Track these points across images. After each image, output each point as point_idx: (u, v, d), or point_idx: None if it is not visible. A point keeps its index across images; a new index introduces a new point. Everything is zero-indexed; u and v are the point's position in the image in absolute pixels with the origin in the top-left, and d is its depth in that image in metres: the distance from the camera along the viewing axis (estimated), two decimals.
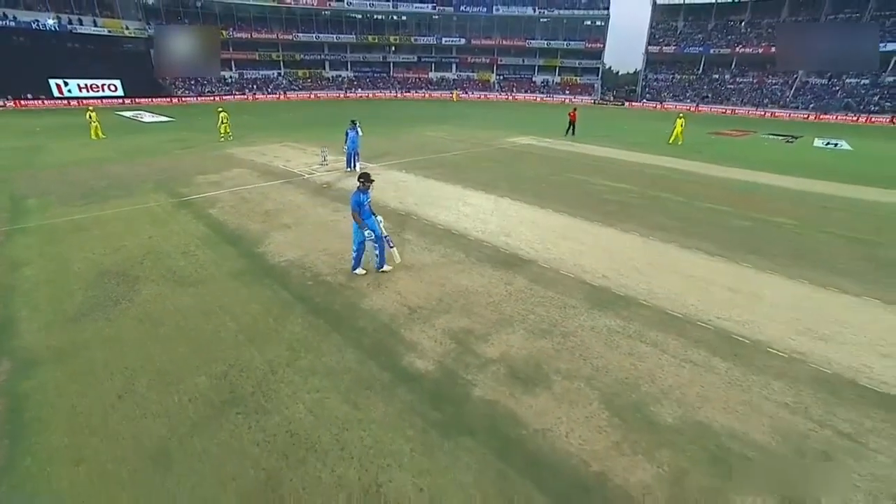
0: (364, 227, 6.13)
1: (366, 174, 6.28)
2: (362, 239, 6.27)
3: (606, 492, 3.17)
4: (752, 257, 7.62)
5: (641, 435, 3.68)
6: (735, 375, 4.50)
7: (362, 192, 6.11)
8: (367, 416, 3.81)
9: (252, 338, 4.93)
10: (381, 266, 6.58)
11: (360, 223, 6.11)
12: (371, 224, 6.19)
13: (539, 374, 4.40)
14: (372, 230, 6.18)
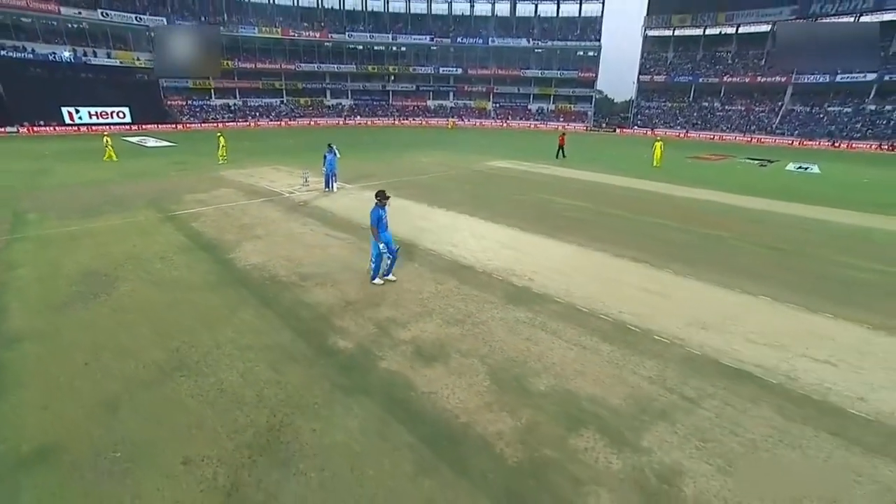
0: (379, 241, 6.62)
1: (382, 192, 6.73)
2: (379, 252, 6.77)
3: (466, 436, 3.94)
4: (676, 264, 8.43)
5: (512, 398, 4.45)
6: (615, 356, 5.27)
7: (380, 208, 6.60)
8: (286, 380, 4.62)
9: (207, 323, 5.77)
10: (388, 273, 7.09)
11: (376, 236, 6.60)
12: (387, 238, 6.72)
13: (441, 352, 5.20)
14: (386, 243, 6.72)
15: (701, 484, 3.48)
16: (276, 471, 3.49)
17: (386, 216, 6.70)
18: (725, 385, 4.78)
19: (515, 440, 3.88)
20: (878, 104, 49.84)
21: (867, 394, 4.74)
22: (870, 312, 6.69)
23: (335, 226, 10.31)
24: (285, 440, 3.81)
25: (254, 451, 3.68)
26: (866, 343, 5.79)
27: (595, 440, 3.90)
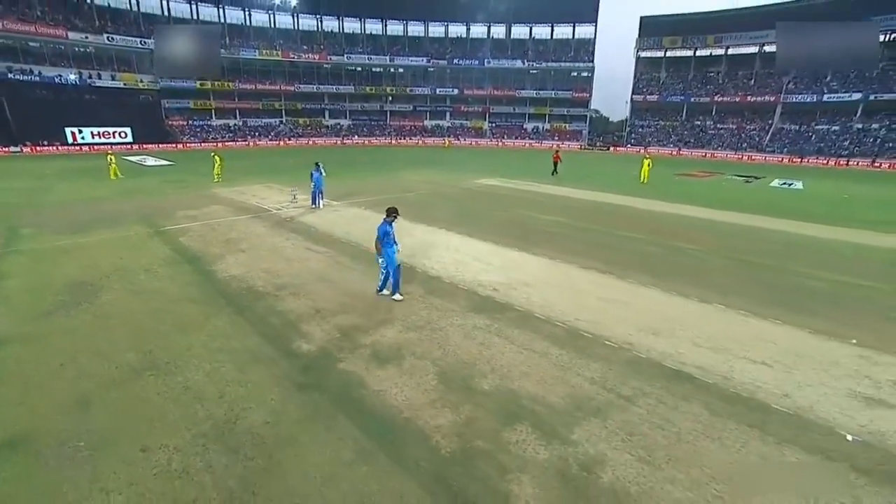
0: (380, 255, 6.85)
1: (393, 208, 6.99)
2: (392, 264, 6.94)
3: (407, 429, 4.25)
4: (640, 275, 8.79)
5: (456, 396, 4.77)
6: (563, 360, 5.59)
7: (388, 224, 6.83)
8: (248, 379, 4.95)
9: (181, 329, 6.12)
10: (381, 289, 7.23)
11: (378, 251, 6.82)
12: (391, 253, 6.85)
13: (396, 355, 5.53)
14: (388, 258, 6.87)
15: (619, 471, 3.77)
16: (226, 457, 3.80)
17: (394, 232, 6.92)
18: (663, 385, 5.10)
19: (452, 433, 4.19)
20: (865, 122, 50.87)
21: (793, 391, 5.05)
22: (815, 318, 7.02)
23: (317, 240, 10.71)
24: (238, 431, 4.13)
25: (208, 440, 4.00)
26: (804, 346, 6.12)
27: (527, 433, 4.21)
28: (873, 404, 4.90)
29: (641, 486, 3.61)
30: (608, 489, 3.58)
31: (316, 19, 63.00)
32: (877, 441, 4.29)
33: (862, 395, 5.05)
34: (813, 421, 4.57)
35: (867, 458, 4.06)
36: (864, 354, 5.99)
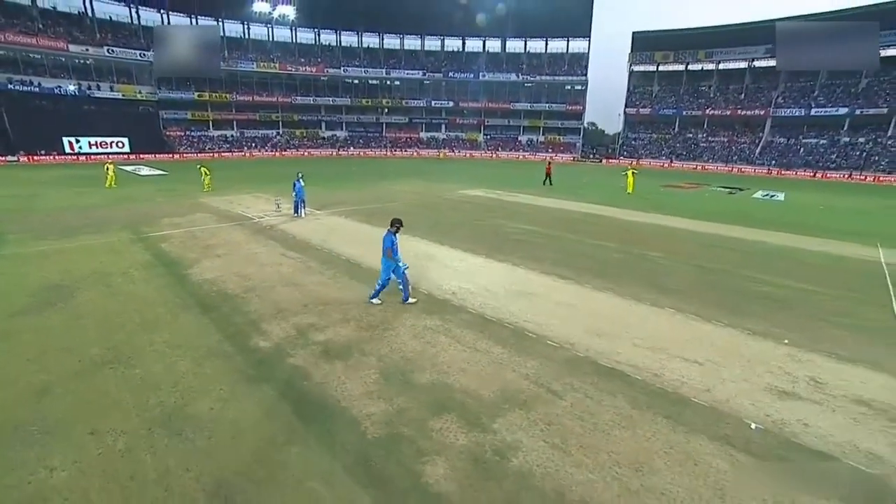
0: (394, 260, 7.07)
1: (397, 220, 7.24)
2: (403, 272, 7.21)
3: (340, 417, 4.57)
4: (599, 281, 9.15)
5: (393, 389, 5.10)
6: (503, 357, 5.92)
7: (393, 234, 7.08)
8: (203, 371, 5.28)
9: (148, 327, 6.46)
10: (373, 297, 7.46)
11: (392, 260, 7.05)
12: (386, 264, 7.14)
13: (345, 351, 5.87)
14: (384, 269, 7.17)
15: (530, 456, 4.09)
16: (168, 438, 4.13)
17: (397, 242, 7.14)
18: (593, 381, 5.42)
19: (382, 421, 4.51)
20: (852, 136, 51.75)
21: (715, 386, 5.39)
22: (757, 321, 7.38)
23: (292, 247, 11.08)
24: (184, 416, 4.46)
25: (154, 424, 4.33)
26: (738, 346, 6.46)
27: (452, 422, 4.53)
28: (785, 397, 5.24)
29: (547, 469, 3.93)
30: (515, 471, 3.90)
31: (314, 33, 64.23)
32: (777, 429, 4.63)
33: (777, 389, 5.39)
34: (726, 412, 4.90)
35: (762, 443, 4.39)
36: (791, 353, 6.34)
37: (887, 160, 46.79)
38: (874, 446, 4.42)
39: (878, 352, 6.46)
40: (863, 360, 6.21)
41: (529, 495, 3.63)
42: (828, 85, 56.16)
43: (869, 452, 4.33)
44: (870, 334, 7.11)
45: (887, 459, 4.24)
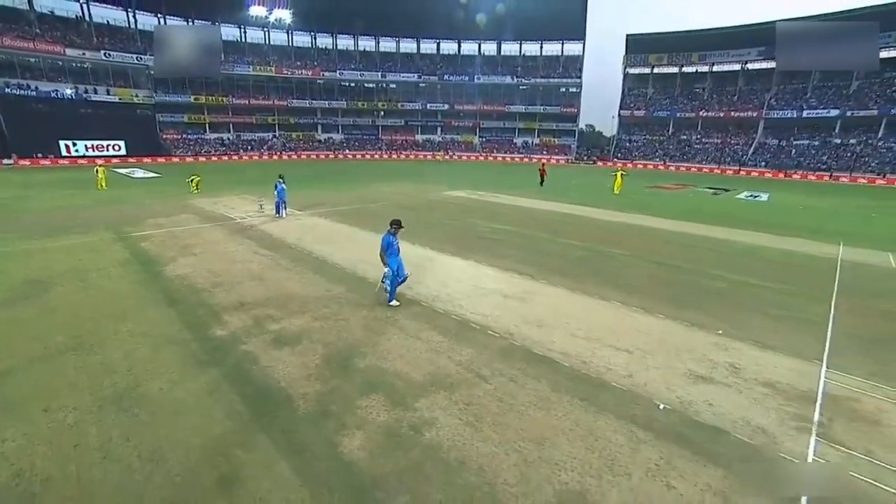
0: (385, 266, 7.21)
1: (397, 220, 7.40)
2: (394, 274, 7.30)
3: (277, 396, 4.98)
4: (556, 277, 9.55)
5: (331, 372, 5.51)
6: (441, 346, 6.31)
7: (392, 235, 7.23)
8: (159, 357, 5.70)
9: (115, 318, 6.87)
10: (390, 300, 7.54)
11: (383, 261, 7.20)
12: (393, 263, 7.27)
13: (295, 339, 6.28)
14: (391, 268, 7.25)
15: (442, 432, 4.49)
16: (115, 414, 4.54)
17: (397, 242, 7.35)
18: (522, 367, 5.82)
19: (314, 399, 4.92)
20: (843, 138, 52.17)
21: (637, 372, 5.79)
22: (698, 313, 7.78)
23: (266, 246, 11.50)
24: (134, 395, 4.87)
25: (105, 402, 4.75)
26: (672, 336, 6.85)
27: (377, 401, 4.94)
28: (700, 381, 5.64)
29: (454, 443, 4.33)
30: (425, 444, 4.30)
31: (310, 36, 64.86)
32: (683, 408, 5.03)
33: (695, 375, 5.79)
34: (640, 395, 5.30)
35: (665, 420, 4.79)
36: (720, 342, 6.74)
37: (877, 161, 47.19)
38: (763, 422, 4.83)
39: (800, 340, 6.88)
40: (783, 347, 6.62)
41: (432, 463, 4.04)
42: (820, 87, 56.64)
43: (757, 427, 4.74)
44: (798, 324, 7.52)
45: (770, 432, 4.65)
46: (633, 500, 3.71)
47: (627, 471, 4.03)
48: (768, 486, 3.92)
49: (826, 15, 48.19)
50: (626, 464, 4.12)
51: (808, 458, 4.32)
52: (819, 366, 6.15)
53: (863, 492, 3.93)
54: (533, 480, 3.86)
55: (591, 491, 3.78)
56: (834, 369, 6.07)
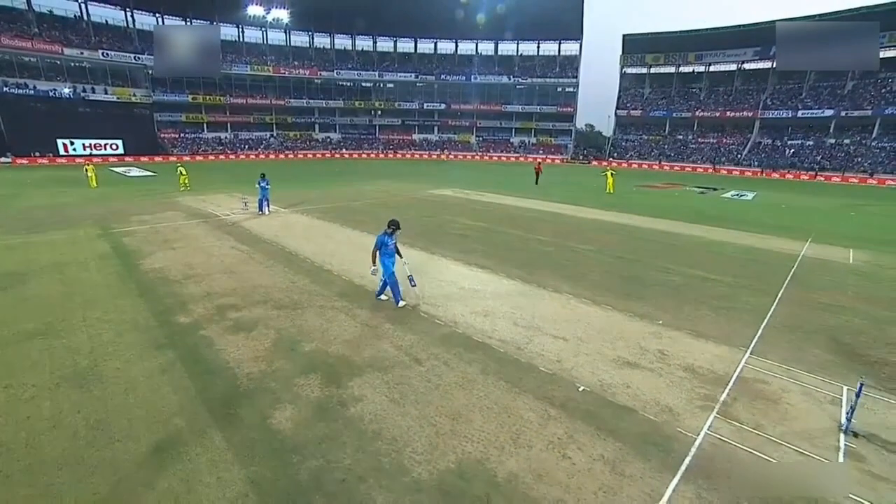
0: (374, 265, 7.24)
1: (395, 221, 7.43)
2: (392, 273, 7.37)
3: (223, 374, 5.41)
4: (516, 270, 9.94)
5: (278, 355, 5.92)
6: (387, 332, 6.71)
7: (388, 235, 7.25)
8: (121, 341, 6.14)
9: (86, 307, 7.31)
10: (379, 295, 7.76)
11: (374, 260, 7.25)
12: (387, 264, 7.31)
13: (252, 326, 6.71)
14: (385, 269, 7.31)
15: (367, 406, 4.89)
16: (71, 390, 4.98)
17: (393, 243, 7.39)
18: (458, 352, 6.22)
19: (256, 378, 5.35)
20: (837, 138, 52.36)
21: (567, 358, 6.17)
22: (644, 305, 8.14)
23: (244, 241, 11.93)
24: (91, 374, 5.31)
25: (63, 380, 5.18)
26: (611, 326, 7.22)
27: (314, 380, 5.36)
28: (625, 366, 6.03)
29: (375, 416, 4.74)
30: (348, 416, 4.71)
31: (308, 36, 65.28)
32: (601, 390, 5.42)
33: (623, 360, 6.18)
34: (564, 378, 5.68)
35: (581, 400, 5.18)
36: (657, 332, 7.13)
37: (869, 161, 47.37)
38: (672, 402, 5.23)
39: (734, 329, 7.25)
40: (716, 336, 7.01)
41: (350, 433, 4.45)
42: (815, 87, 56.81)
43: (665, 406, 5.13)
44: (738, 315, 7.89)
45: (675, 411, 5.04)
46: (527, 467, 4.11)
47: (530, 443, 4.43)
48: (655, 456, 4.32)
49: (823, 15, 48.37)
50: (530, 437, 4.52)
51: (701, 433, 4.71)
52: (743, 352, 6.53)
53: (740, 460, 4.32)
54: (439, 449, 4.27)
55: (491, 459, 4.18)
56: (756, 355, 6.45)
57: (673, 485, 3.96)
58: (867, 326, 7.70)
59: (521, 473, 4.00)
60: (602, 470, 4.11)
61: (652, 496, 3.82)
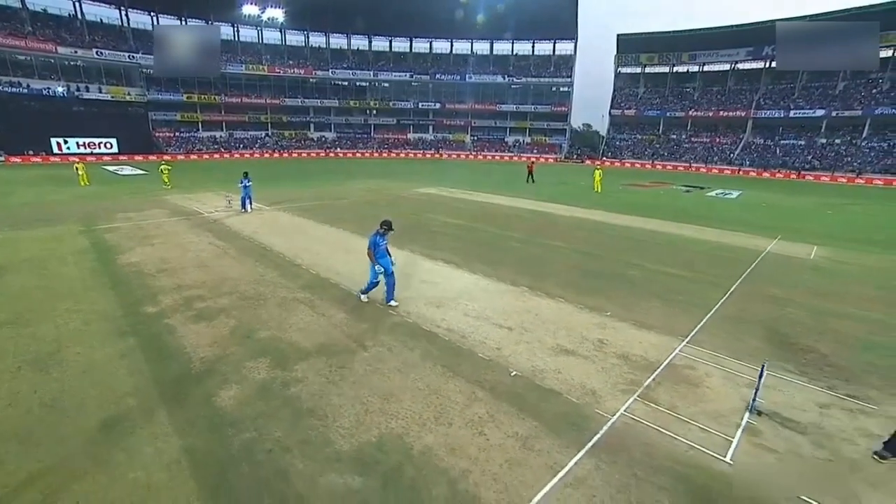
0: (375, 264, 7.38)
1: (388, 222, 7.55)
2: (376, 275, 7.50)
3: (179, 358, 5.77)
4: (479, 265, 10.28)
5: (234, 341, 6.29)
6: (340, 321, 7.06)
7: (380, 236, 7.37)
8: (87, 329, 6.50)
9: (58, 298, 7.68)
10: (389, 300, 7.66)
11: (372, 260, 7.42)
12: (385, 263, 7.46)
13: (213, 315, 7.08)
14: (385, 267, 7.45)
15: (307, 387, 5.25)
16: (31, 372, 5.34)
17: (385, 244, 7.52)
18: (403, 340, 6.57)
19: (210, 361, 5.72)
20: (829, 138, 52.72)
21: (507, 346, 6.53)
22: (597, 297, 8.47)
23: (222, 237, 12.29)
24: (53, 359, 5.67)
25: (25, 363, 5.55)
26: (558, 317, 7.57)
27: (263, 363, 5.73)
28: (562, 354, 6.38)
29: (312, 395, 5.10)
30: (287, 395, 5.08)
31: (303, 35, 65.55)
32: (532, 375, 5.76)
33: (561, 348, 6.53)
34: (500, 363, 6.03)
35: (509, 384, 5.52)
36: (603, 322, 7.47)
37: (859, 161, 47.73)
38: (597, 386, 5.57)
39: (679, 320, 7.58)
40: (659, 327, 7.34)
41: (286, 409, 4.82)
42: (807, 87, 57.12)
43: (590, 390, 5.48)
44: (686, 307, 8.22)
45: (598, 394, 5.39)
46: (443, 442, 4.46)
47: (451, 421, 4.79)
48: (568, 434, 4.67)
49: (816, 15, 48.65)
50: (452, 416, 4.87)
51: (617, 414, 5.06)
52: (680, 341, 6.89)
53: (646, 437, 4.68)
54: (364, 425, 4.64)
55: (411, 434, 4.54)
56: (692, 344, 6.81)
57: (576, 458, 4.30)
58: (807, 317, 8.07)
59: (436, 447, 4.36)
60: (513, 445, 4.45)
61: (553, 468, 4.17)
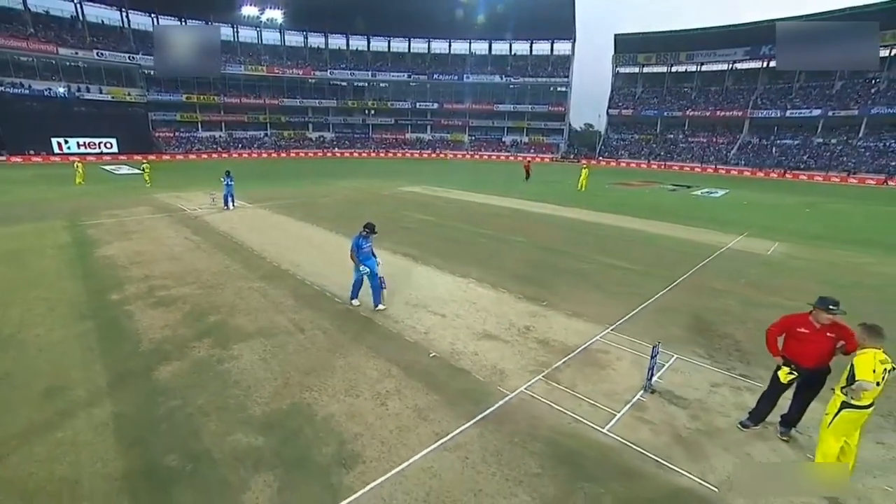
0: (359, 265, 7.42)
1: (371, 224, 7.57)
2: (359, 276, 7.60)
3: (131, 339, 6.34)
4: (436, 259, 10.73)
5: (185, 323, 6.86)
6: (288, 308, 7.59)
7: (363, 238, 7.42)
8: (52, 313, 7.10)
9: (31, 286, 8.30)
10: (377, 304, 7.66)
11: (354, 261, 7.47)
12: (370, 264, 7.51)
13: (171, 301, 7.65)
14: (369, 268, 7.48)
15: (240, 363, 5.79)
16: None
17: (369, 246, 7.57)
18: (340, 325, 7.07)
19: (159, 342, 6.27)
20: (825, 137, 52.73)
21: (435, 331, 7.00)
22: (541, 289, 8.88)
23: (199, 233, 12.88)
24: (13, 340, 6.25)
25: None
26: (495, 305, 8.03)
27: (206, 343, 6.28)
28: (485, 339, 6.84)
29: (242, 370, 5.64)
30: (219, 370, 5.63)
31: (302, 36, 66.31)
32: (449, 357, 6.23)
33: (486, 334, 7.00)
34: (422, 345, 6.50)
35: (425, 363, 6.00)
36: (536, 311, 7.90)
37: (854, 161, 47.76)
38: (507, 367, 6.02)
39: (612, 311, 7.93)
40: (590, 316, 7.70)
41: (215, 383, 5.36)
42: (804, 87, 57.13)
43: (499, 370, 5.92)
44: (625, 299, 8.52)
45: (506, 374, 5.81)
46: (346, 410, 4.94)
47: (358, 393, 5.28)
48: (463, 406, 5.14)
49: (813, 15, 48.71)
50: (362, 390, 5.36)
51: (517, 391, 5.51)
52: (605, 329, 7.32)
53: (536, 411, 5.13)
54: (280, 395, 5.18)
55: (319, 404, 5.05)
56: (616, 332, 7.24)
57: (463, 427, 4.76)
58: (736, 308, 8.48)
59: (338, 415, 4.87)
60: (409, 415, 4.93)
61: (438, 434, 4.63)
